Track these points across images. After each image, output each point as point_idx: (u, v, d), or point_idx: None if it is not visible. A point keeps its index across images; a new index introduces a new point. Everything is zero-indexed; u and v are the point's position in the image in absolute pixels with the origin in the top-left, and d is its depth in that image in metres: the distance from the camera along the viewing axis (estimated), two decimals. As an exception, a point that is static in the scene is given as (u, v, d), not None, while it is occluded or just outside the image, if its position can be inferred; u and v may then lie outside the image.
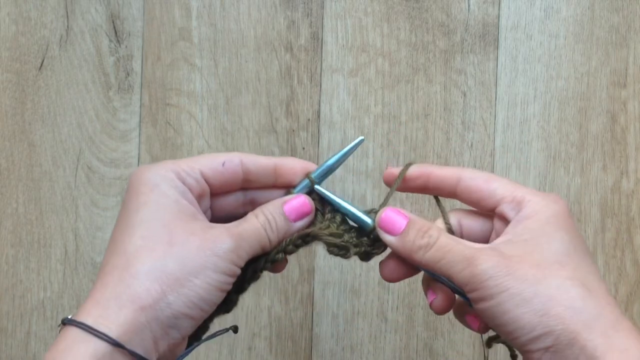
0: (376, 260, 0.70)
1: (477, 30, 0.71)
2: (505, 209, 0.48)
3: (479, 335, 0.69)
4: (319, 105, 0.71)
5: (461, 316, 0.51)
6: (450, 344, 0.70)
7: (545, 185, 0.70)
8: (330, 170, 0.51)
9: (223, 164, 0.48)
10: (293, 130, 0.71)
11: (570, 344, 0.43)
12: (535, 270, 0.44)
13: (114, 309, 0.42)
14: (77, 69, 0.71)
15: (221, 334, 0.49)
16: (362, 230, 0.50)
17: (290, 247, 0.49)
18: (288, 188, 0.51)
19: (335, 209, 0.51)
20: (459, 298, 0.50)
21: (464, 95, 0.70)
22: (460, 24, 0.71)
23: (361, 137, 0.51)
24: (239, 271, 0.46)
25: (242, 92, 0.71)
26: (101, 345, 0.41)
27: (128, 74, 0.71)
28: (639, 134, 0.70)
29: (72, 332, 0.42)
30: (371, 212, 0.51)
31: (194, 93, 0.71)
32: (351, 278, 0.70)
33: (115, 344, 0.41)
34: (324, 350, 0.70)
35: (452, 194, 0.50)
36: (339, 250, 0.50)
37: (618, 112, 0.70)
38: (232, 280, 0.46)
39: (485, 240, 0.50)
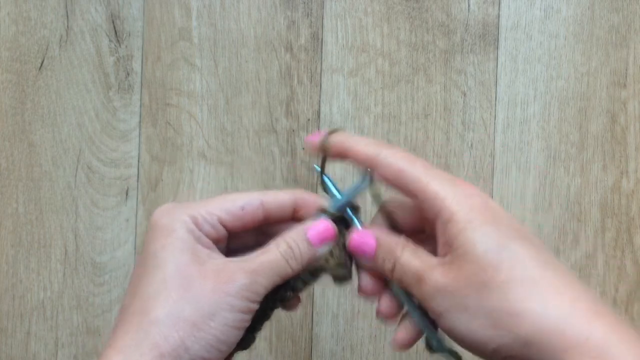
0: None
1: (477, 30, 0.71)
2: (425, 206, 0.46)
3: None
4: (319, 105, 0.71)
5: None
6: (450, 345, 0.70)
7: (545, 185, 0.70)
8: (346, 204, 0.50)
9: (242, 209, 0.48)
10: (293, 130, 0.71)
11: (526, 347, 0.42)
12: (475, 283, 0.43)
13: (136, 356, 0.43)
14: (77, 69, 0.71)
15: None
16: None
17: (300, 284, 0.48)
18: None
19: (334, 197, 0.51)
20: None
21: (464, 95, 0.70)
22: (460, 24, 0.71)
23: (367, 177, 0.49)
24: (255, 306, 0.46)
25: (242, 92, 0.71)
26: None
27: (128, 74, 0.71)
28: (639, 134, 0.70)
29: None
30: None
31: (194, 93, 0.71)
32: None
33: None
34: (324, 350, 0.70)
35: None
36: (344, 280, 0.50)
37: (618, 112, 0.70)
38: (248, 317, 0.46)
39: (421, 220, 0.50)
